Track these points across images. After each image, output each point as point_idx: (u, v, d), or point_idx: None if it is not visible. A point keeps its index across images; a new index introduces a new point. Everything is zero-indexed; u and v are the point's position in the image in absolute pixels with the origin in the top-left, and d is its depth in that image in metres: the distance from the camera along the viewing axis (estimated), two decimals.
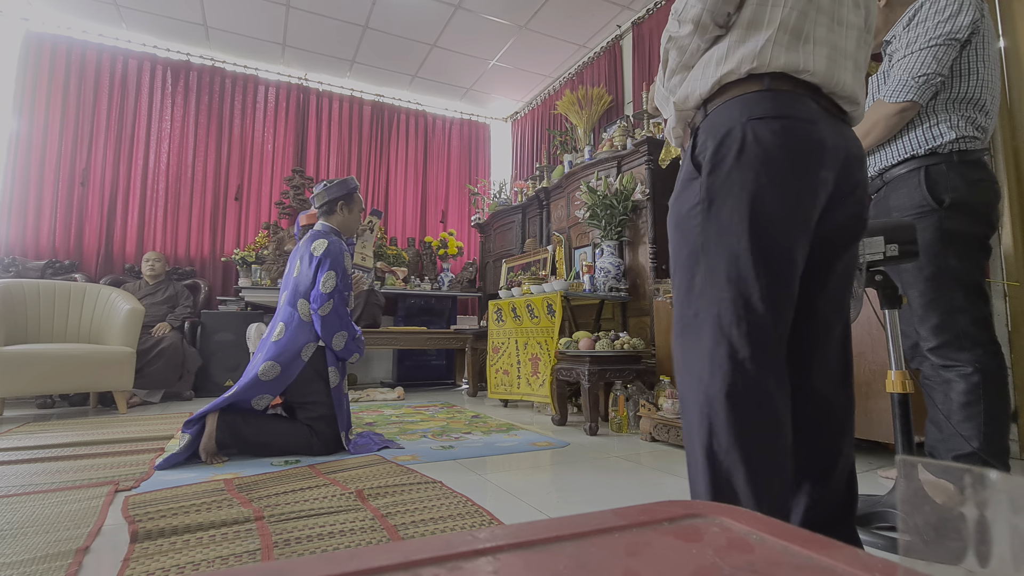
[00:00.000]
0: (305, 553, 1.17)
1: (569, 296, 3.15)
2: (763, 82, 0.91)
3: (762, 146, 0.88)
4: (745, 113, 0.90)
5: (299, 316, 2.20)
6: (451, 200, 5.89)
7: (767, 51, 0.90)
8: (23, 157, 4.20)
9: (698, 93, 0.98)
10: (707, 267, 0.90)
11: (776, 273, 0.87)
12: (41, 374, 2.96)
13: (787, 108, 0.89)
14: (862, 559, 0.27)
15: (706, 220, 0.91)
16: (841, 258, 0.99)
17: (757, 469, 0.81)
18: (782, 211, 0.87)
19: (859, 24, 0.98)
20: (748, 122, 0.89)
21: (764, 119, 0.88)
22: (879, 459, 2.09)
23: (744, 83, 0.92)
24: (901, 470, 0.27)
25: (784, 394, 0.87)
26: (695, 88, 0.99)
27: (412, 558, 0.27)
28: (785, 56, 0.90)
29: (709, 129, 0.94)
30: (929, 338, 1.47)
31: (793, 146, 0.87)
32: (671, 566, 0.28)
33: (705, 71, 0.97)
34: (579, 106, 4.44)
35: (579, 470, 1.94)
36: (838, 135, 0.93)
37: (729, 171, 0.89)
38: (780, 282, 0.87)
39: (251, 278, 4.40)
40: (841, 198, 0.96)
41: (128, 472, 1.85)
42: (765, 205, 0.87)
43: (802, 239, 0.90)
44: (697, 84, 0.98)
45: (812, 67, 0.90)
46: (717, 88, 0.95)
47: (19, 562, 1.11)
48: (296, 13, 4.20)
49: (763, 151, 0.87)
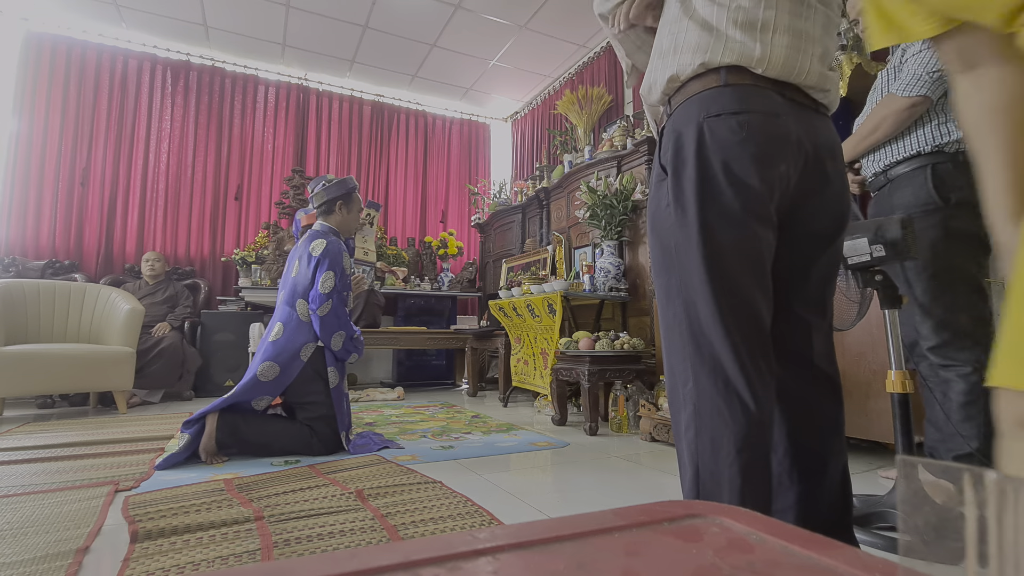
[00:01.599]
0: (305, 553, 1.17)
1: (569, 296, 3.15)
2: (720, 76, 0.88)
3: (719, 144, 0.86)
4: (702, 111, 0.88)
5: (297, 316, 2.20)
6: (451, 200, 5.89)
7: (720, 43, 0.87)
8: (23, 157, 4.19)
9: (660, 85, 0.96)
10: (681, 269, 0.89)
11: (733, 275, 0.86)
12: (41, 374, 2.96)
13: (745, 103, 0.87)
14: (862, 559, 0.27)
15: (677, 222, 0.90)
16: (820, 258, 0.97)
17: (745, 477, 0.82)
18: (739, 209, 0.86)
19: (827, 12, 0.93)
20: (705, 120, 0.88)
21: (721, 116, 0.87)
22: (879, 459, 2.09)
23: (703, 78, 0.90)
24: (901, 470, 0.27)
25: (767, 394, 0.86)
26: (656, 79, 0.97)
27: (412, 558, 0.27)
28: (739, 48, 0.87)
29: (671, 129, 0.93)
30: (930, 336, 1.47)
31: (750, 141, 0.85)
32: (671, 566, 0.28)
33: (664, 61, 0.94)
34: (579, 106, 4.44)
35: (579, 470, 1.94)
36: (807, 127, 0.91)
37: (688, 172, 0.88)
38: (741, 284, 0.86)
39: (251, 278, 4.40)
40: (812, 192, 0.93)
41: (128, 472, 1.85)
42: (722, 205, 0.86)
43: (765, 234, 0.88)
44: (657, 75, 0.97)
45: (769, 58, 0.86)
46: (676, 83, 0.93)
47: (19, 562, 1.11)
48: (296, 13, 4.20)
49: (720, 149, 0.86)
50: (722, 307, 0.85)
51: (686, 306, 0.89)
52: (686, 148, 0.89)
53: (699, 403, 0.86)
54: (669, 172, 0.92)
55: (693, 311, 0.88)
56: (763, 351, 0.87)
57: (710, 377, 0.85)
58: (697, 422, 0.86)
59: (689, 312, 0.88)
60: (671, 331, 0.92)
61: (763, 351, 0.87)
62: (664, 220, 0.93)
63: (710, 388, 0.85)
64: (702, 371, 0.86)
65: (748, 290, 0.86)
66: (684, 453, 0.88)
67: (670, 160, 0.91)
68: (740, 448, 0.82)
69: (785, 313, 0.96)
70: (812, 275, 0.97)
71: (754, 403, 0.83)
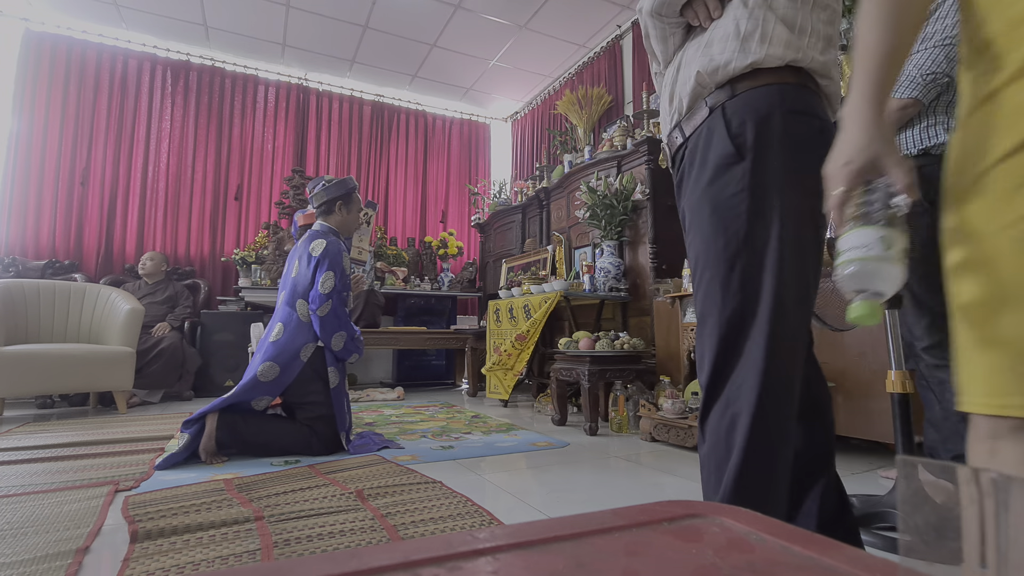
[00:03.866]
0: (305, 553, 1.17)
1: (569, 296, 3.15)
2: (799, 76, 0.89)
3: (798, 141, 0.87)
4: (785, 103, 0.87)
5: (297, 316, 2.20)
6: (451, 200, 5.89)
7: (811, 48, 0.90)
8: (23, 157, 4.19)
9: (732, 66, 0.89)
10: (748, 261, 0.85)
11: (809, 273, 0.89)
12: (41, 374, 2.96)
13: (815, 107, 0.90)
14: (862, 559, 0.27)
15: (752, 209, 0.85)
16: None
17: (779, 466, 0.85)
18: (818, 210, 0.83)
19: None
20: (787, 113, 0.87)
21: (801, 114, 0.88)
22: (879, 459, 2.09)
23: (779, 71, 0.88)
24: (901, 470, 0.27)
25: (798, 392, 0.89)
26: (729, 60, 0.90)
27: (412, 558, 0.27)
28: (821, 57, 0.90)
29: (746, 111, 0.88)
30: (923, 337, 1.48)
31: (816, 146, 0.86)
32: (671, 566, 0.28)
33: (746, 45, 0.89)
34: (579, 106, 4.44)
35: (579, 470, 1.94)
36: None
37: (776, 159, 0.85)
38: (812, 284, 0.90)
39: (251, 278, 4.40)
40: None
41: (128, 472, 1.85)
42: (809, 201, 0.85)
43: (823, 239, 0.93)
44: (733, 56, 0.90)
45: (831, 75, 0.92)
46: (752, 69, 0.89)
47: (19, 562, 1.11)
48: (296, 13, 4.20)
49: (796, 145, 0.87)
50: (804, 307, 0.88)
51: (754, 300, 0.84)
52: (769, 133, 0.86)
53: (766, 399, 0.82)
54: (749, 156, 0.86)
55: (778, 305, 0.83)
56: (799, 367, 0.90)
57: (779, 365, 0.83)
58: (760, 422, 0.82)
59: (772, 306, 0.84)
60: (728, 324, 0.86)
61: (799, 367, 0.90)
62: (734, 206, 0.86)
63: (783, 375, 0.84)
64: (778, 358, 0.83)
65: (813, 291, 0.90)
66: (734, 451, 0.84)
67: (751, 143, 0.86)
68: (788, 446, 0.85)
69: None
70: None
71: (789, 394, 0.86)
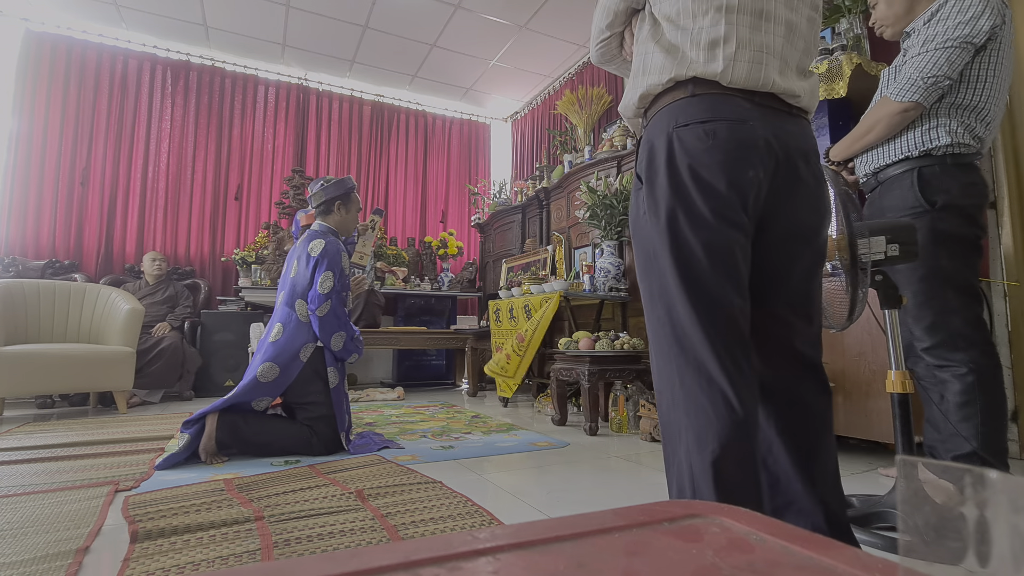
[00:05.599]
0: (305, 553, 1.17)
1: (569, 296, 3.15)
2: (687, 88, 0.93)
3: (688, 152, 0.90)
4: (672, 121, 0.93)
5: (297, 317, 2.20)
6: (451, 200, 5.89)
7: (684, 62, 0.92)
8: (23, 157, 4.19)
9: (633, 103, 1.02)
10: (659, 273, 0.93)
11: (707, 278, 0.88)
12: (41, 374, 2.96)
13: (712, 111, 0.91)
14: (862, 559, 0.27)
15: (653, 228, 0.94)
16: (802, 255, 0.98)
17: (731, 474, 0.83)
18: (708, 214, 0.89)
19: (791, 19, 0.95)
20: (675, 130, 0.92)
21: (689, 125, 0.91)
22: (879, 459, 2.09)
23: (672, 91, 0.95)
24: (901, 470, 0.27)
25: (749, 393, 0.87)
26: (630, 99, 1.03)
27: (412, 558, 0.27)
28: (703, 66, 0.91)
29: (645, 141, 0.98)
30: (923, 338, 1.48)
31: (717, 148, 0.89)
32: (671, 566, 0.28)
33: (635, 81, 1.01)
34: (579, 106, 4.44)
35: (579, 470, 1.94)
36: (777, 130, 0.93)
37: (660, 180, 0.92)
38: (715, 286, 0.88)
39: (251, 278, 4.40)
40: (786, 193, 0.95)
41: (128, 472, 1.85)
42: (692, 210, 0.89)
43: (736, 237, 0.90)
44: (631, 94, 1.03)
45: (732, 72, 0.90)
46: (648, 99, 1.00)
47: (19, 562, 1.11)
48: (296, 13, 4.20)
49: (688, 156, 0.90)
50: (699, 309, 0.88)
51: (667, 309, 0.92)
52: (657, 158, 0.94)
53: (686, 402, 0.88)
54: (644, 181, 0.96)
55: (675, 313, 0.90)
56: (743, 351, 0.89)
57: (695, 377, 0.87)
58: (684, 420, 0.87)
59: (671, 315, 0.91)
60: (656, 334, 0.95)
61: (743, 351, 0.89)
62: (642, 227, 0.97)
63: (695, 387, 0.87)
64: (687, 371, 0.88)
65: (722, 292, 0.89)
66: (671, 451, 0.90)
67: (644, 169, 0.96)
68: (725, 445, 0.83)
69: (771, 312, 0.98)
70: (795, 273, 0.98)
71: (738, 402, 0.84)
